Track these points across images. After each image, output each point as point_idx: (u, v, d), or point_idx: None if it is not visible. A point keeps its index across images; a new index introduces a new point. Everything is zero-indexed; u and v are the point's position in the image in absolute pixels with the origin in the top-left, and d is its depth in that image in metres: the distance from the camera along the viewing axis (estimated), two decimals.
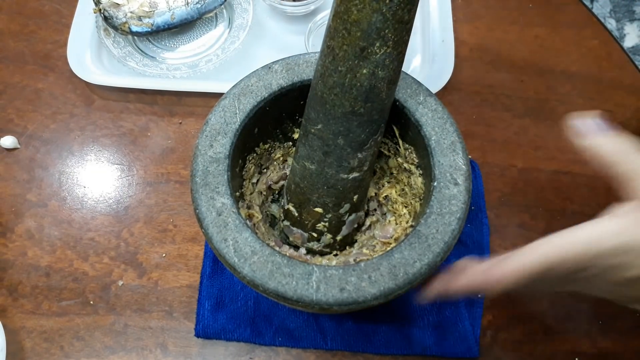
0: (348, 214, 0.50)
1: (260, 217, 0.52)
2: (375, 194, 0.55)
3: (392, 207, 0.54)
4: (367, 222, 0.55)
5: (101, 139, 0.67)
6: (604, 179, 0.39)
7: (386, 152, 0.53)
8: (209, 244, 0.42)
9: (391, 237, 0.52)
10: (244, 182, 0.52)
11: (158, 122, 0.68)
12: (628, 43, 1.52)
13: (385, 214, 0.55)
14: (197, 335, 0.56)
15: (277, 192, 0.57)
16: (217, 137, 0.45)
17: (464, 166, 0.44)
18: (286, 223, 0.53)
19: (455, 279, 0.39)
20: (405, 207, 0.52)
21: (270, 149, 0.54)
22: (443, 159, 0.44)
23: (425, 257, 0.40)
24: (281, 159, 0.56)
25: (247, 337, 0.56)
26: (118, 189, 0.64)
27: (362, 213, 0.53)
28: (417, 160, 0.49)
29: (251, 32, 0.72)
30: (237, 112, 0.46)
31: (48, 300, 0.58)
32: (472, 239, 0.60)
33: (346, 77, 0.39)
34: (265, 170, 0.56)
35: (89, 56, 0.69)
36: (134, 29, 0.68)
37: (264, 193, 0.55)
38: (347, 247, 0.54)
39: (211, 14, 0.72)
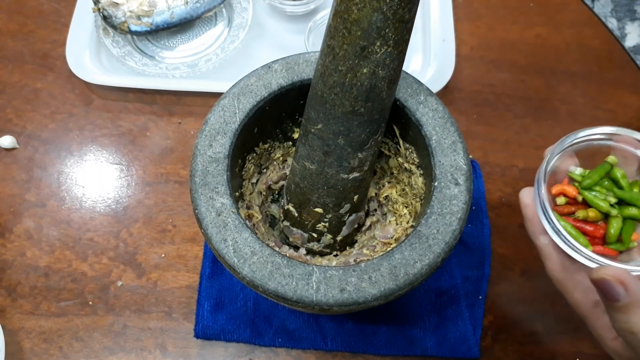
0: (348, 214, 0.50)
1: (260, 217, 0.52)
2: (376, 194, 0.55)
3: (393, 207, 0.54)
4: (368, 223, 0.55)
5: (100, 138, 0.67)
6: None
7: (387, 152, 0.53)
8: (209, 244, 0.42)
9: (392, 238, 0.52)
10: (244, 182, 0.52)
11: (157, 122, 0.68)
12: (629, 42, 1.52)
13: (385, 214, 0.55)
14: (197, 336, 0.56)
15: (277, 192, 0.57)
16: (217, 136, 0.45)
17: (464, 166, 0.44)
18: (286, 223, 0.53)
19: None
20: (406, 207, 0.52)
21: (270, 148, 0.54)
22: (444, 159, 0.44)
23: (426, 257, 0.40)
24: (281, 159, 0.56)
25: (247, 338, 0.55)
26: (117, 189, 0.64)
27: (362, 213, 0.53)
28: (417, 160, 0.49)
29: (251, 32, 0.72)
30: (237, 111, 0.46)
31: (47, 301, 0.58)
32: (473, 239, 0.60)
33: (346, 76, 0.39)
34: (265, 170, 0.55)
35: (88, 56, 0.69)
36: (133, 28, 0.68)
37: (264, 193, 0.55)
38: (348, 248, 0.54)
39: (210, 13, 0.72)
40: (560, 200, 0.41)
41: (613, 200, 0.40)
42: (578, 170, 0.42)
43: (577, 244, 0.38)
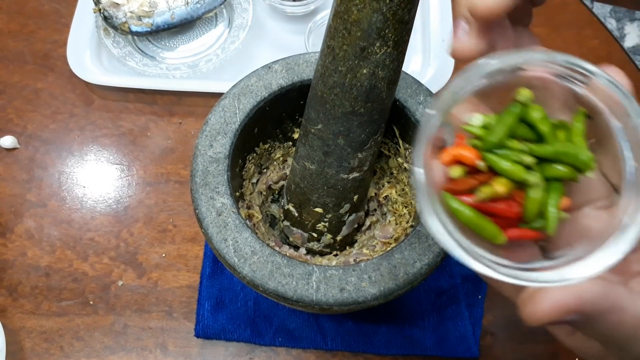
0: (348, 214, 0.50)
1: (260, 217, 0.52)
2: (376, 194, 0.55)
3: (392, 207, 0.54)
4: (367, 222, 0.55)
5: (101, 138, 0.67)
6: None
7: (386, 152, 0.53)
8: (209, 244, 0.42)
9: (391, 237, 0.52)
10: (244, 182, 0.52)
11: (158, 122, 0.68)
12: (628, 43, 1.52)
13: (385, 214, 0.55)
14: (197, 335, 0.56)
15: (277, 192, 0.57)
16: (217, 137, 0.45)
17: None
18: (286, 223, 0.53)
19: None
20: (406, 207, 0.52)
21: (270, 149, 0.54)
22: None
23: (426, 257, 0.40)
24: (281, 159, 0.56)
25: (247, 337, 0.55)
26: (118, 189, 0.64)
27: (362, 213, 0.53)
28: None
29: (251, 32, 0.72)
30: (237, 112, 0.46)
31: (48, 301, 0.58)
32: None
33: (346, 77, 0.39)
34: (265, 170, 0.56)
35: (89, 56, 0.69)
36: (134, 28, 0.68)
37: (264, 193, 0.55)
38: (347, 247, 0.54)
39: (211, 14, 0.72)
40: (456, 171, 0.26)
41: (529, 160, 0.26)
42: (478, 120, 0.27)
43: (469, 250, 0.25)
